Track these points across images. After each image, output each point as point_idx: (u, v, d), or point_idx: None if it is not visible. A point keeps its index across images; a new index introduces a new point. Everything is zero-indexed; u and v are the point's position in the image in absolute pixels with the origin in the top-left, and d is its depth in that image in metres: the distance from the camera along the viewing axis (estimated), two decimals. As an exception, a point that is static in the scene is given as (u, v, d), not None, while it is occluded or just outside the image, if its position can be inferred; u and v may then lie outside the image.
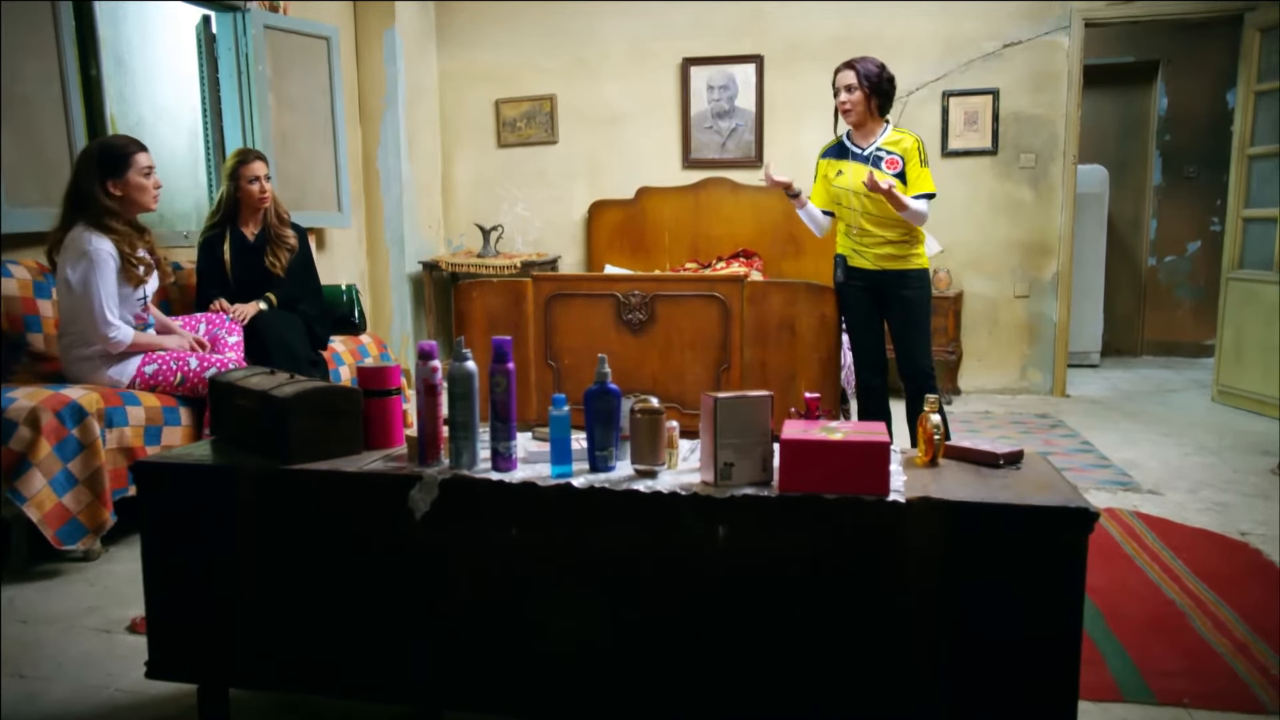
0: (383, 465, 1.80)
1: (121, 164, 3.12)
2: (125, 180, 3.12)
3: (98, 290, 3.05)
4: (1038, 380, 5.81)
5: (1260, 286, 5.22)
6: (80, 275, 3.04)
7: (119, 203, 3.13)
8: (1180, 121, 7.00)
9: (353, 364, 4.18)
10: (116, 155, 3.12)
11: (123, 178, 3.12)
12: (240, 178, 3.86)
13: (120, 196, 3.13)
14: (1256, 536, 3.24)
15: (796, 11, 5.77)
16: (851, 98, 3.61)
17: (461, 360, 1.75)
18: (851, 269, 3.75)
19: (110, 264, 3.09)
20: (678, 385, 4.01)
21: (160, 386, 3.26)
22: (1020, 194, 5.67)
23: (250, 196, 3.89)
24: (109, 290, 3.08)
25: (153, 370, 3.25)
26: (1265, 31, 5.23)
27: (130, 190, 3.14)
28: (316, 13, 5.41)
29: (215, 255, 3.95)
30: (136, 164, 3.14)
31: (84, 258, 3.04)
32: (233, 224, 3.97)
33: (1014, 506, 1.52)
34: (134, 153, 3.16)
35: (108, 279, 3.07)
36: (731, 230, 5.92)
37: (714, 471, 1.64)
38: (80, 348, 3.17)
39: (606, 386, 1.73)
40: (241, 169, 3.87)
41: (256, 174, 3.86)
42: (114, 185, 3.11)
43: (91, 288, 3.04)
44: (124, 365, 3.22)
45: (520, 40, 6.10)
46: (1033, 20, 5.53)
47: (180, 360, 3.29)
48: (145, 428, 3.15)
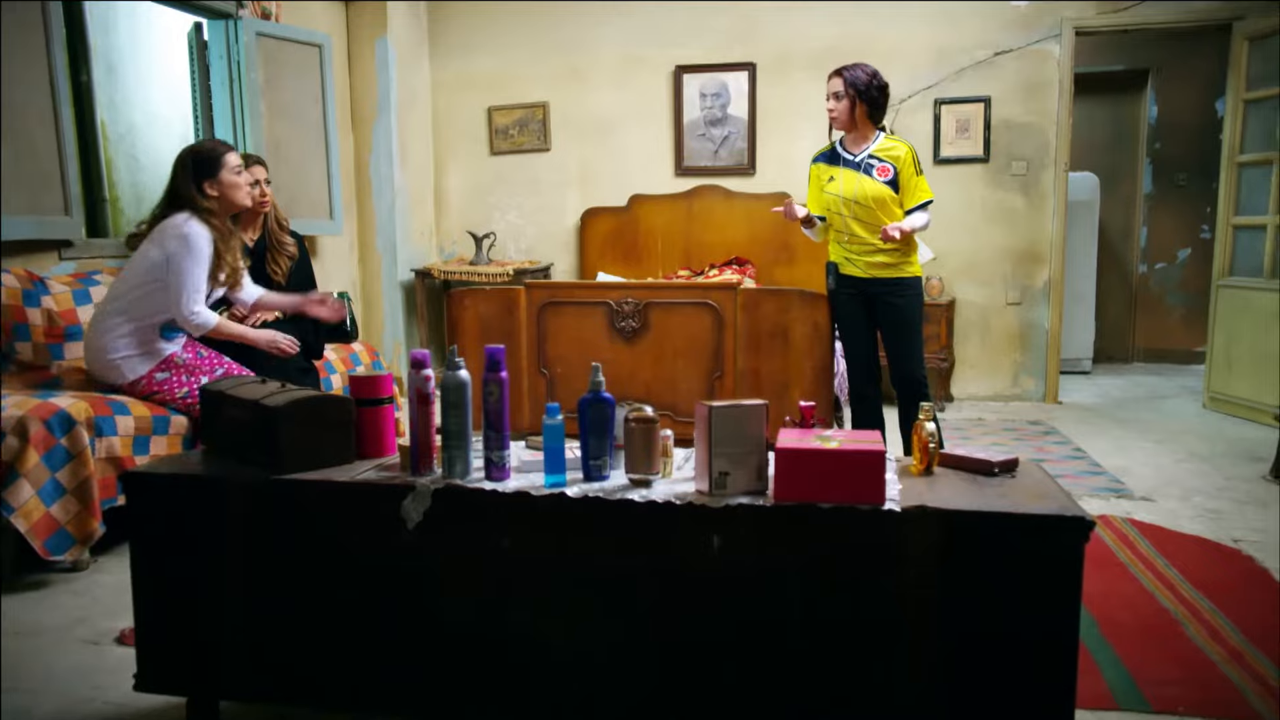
0: (375, 475, 1.79)
1: (214, 165, 3.21)
2: (219, 180, 3.21)
3: (190, 271, 3.08)
4: (1030, 387, 5.82)
5: (1251, 294, 5.24)
6: (174, 254, 3.08)
7: (216, 203, 3.22)
8: (1170, 130, 7.04)
9: (344, 372, 4.16)
10: (208, 157, 3.22)
11: (216, 177, 3.21)
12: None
13: (216, 196, 3.22)
14: (1250, 544, 3.25)
15: (789, 20, 5.78)
16: (839, 105, 3.62)
17: (454, 369, 1.74)
18: (843, 277, 3.75)
19: (205, 251, 3.13)
20: (671, 394, 4.00)
21: (159, 395, 3.24)
22: (1012, 201, 5.69)
23: (252, 200, 3.87)
24: (200, 274, 3.12)
25: (164, 378, 3.23)
26: (1254, 40, 5.26)
27: (225, 189, 3.23)
28: (309, 20, 5.40)
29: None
30: (228, 163, 3.23)
31: (181, 240, 3.09)
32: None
33: (1010, 515, 1.51)
34: (224, 153, 3.26)
35: (200, 263, 3.11)
36: (724, 238, 5.92)
37: (709, 481, 1.63)
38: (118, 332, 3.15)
39: (600, 395, 1.72)
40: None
41: (256, 178, 3.81)
42: (209, 186, 3.20)
43: (183, 268, 3.08)
44: (138, 362, 3.19)
45: (512, 48, 6.11)
46: (1024, 29, 5.55)
47: (194, 375, 3.28)
48: (135, 437, 3.13)
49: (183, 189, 3.17)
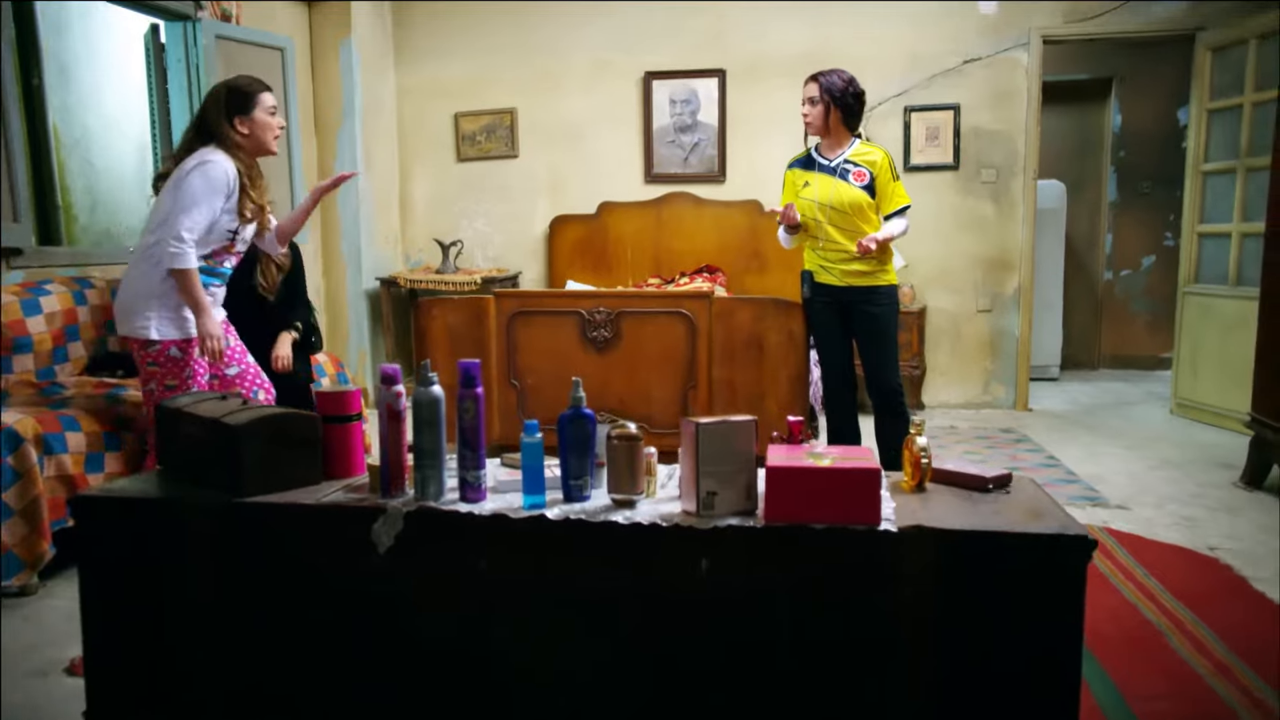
0: (343, 497, 1.70)
1: (249, 101, 2.99)
2: (252, 118, 2.99)
3: (198, 197, 2.81)
4: (1000, 395, 5.82)
5: (1216, 301, 5.28)
6: (189, 178, 2.82)
7: (246, 140, 3.01)
8: (1134, 138, 7.11)
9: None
10: (243, 92, 3.00)
11: (250, 115, 2.99)
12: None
13: (247, 134, 3.00)
14: (1226, 551, 3.24)
15: (759, 26, 5.75)
16: (814, 110, 3.58)
17: (427, 385, 1.65)
18: (818, 285, 3.71)
19: (223, 185, 2.87)
20: (645, 405, 3.93)
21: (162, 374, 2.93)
22: (982, 209, 5.70)
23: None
24: (206, 207, 2.83)
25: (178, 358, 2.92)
26: (1217, 51, 5.31)
27: (256, 128, 3.00)
28: (271, 23, 5.28)
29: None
30: (263, 102, 3.02)
31: (201, 167, 2.84)
32: None
33: (1009, 535, 1.46)
34: (259, 91, 3.05)
35: (213, 195, 2.86)
36: (694, 245, 5.87)
37: (696, 501, 1.56)
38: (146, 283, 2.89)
39: (581, 411, 1.65)
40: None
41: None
42: (241, 122, 2.98)
43: (193, 190, 2.81)
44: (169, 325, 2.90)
45: (480, 53, 6.02)
46: (992, 37, 5.57)
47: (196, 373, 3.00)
48: (86, 454, 3.00)
49: (213, 122, 2.93)
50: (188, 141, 3.00)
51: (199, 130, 2.98)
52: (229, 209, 2.92)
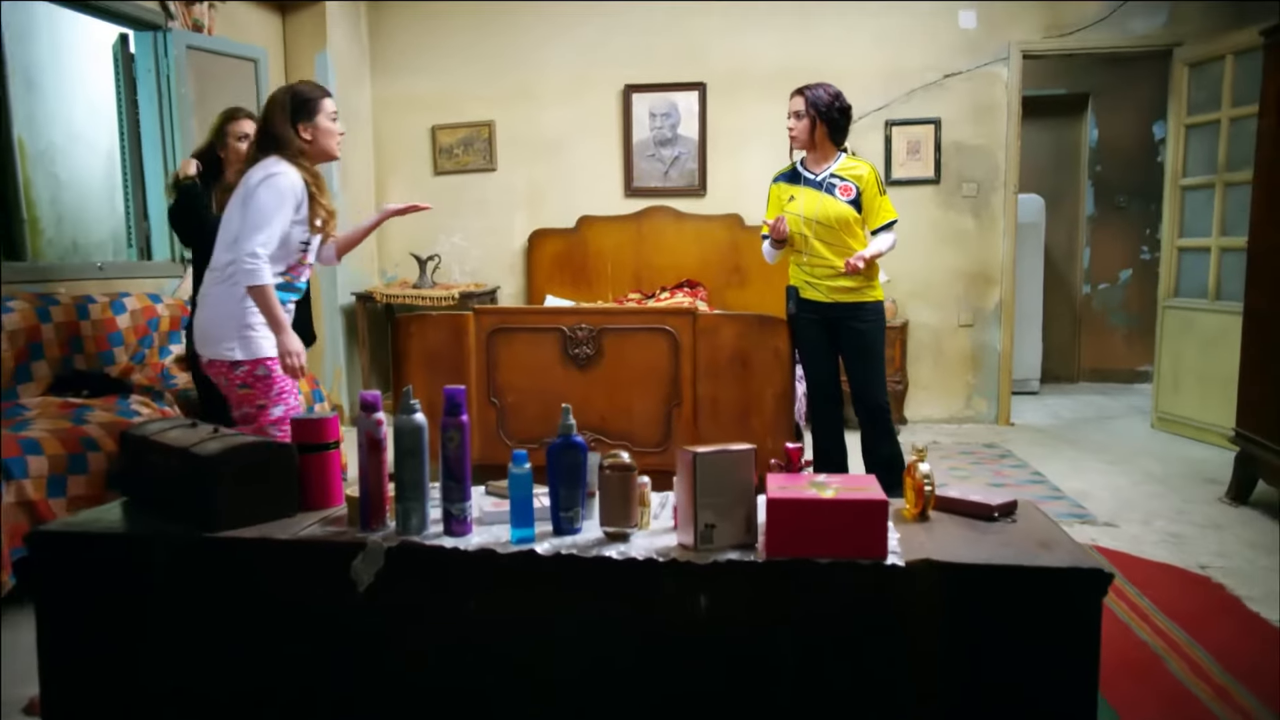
0: (320, 531, 1.61)
1: (313, 107, 2.89)
2: (316, 124, 2.89)
3: (269, 210, 2.71)
4: (983, 409, 5.80)
5: (1196, 314, 5.29)
6: (257, 191, 2.72)
7: (310, 146, 2.91)
8: (1110, 152, 7.14)
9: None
10: (307, 98, 2.89)
11: (314, 121, 2.89)
12: (228, 134, 3.53)
13: (311, 141, 2.90)
14: (1216, 570, 3.21)
15: (740, 39, 5.72)
16: (799, 124, 3.54)
17: (409, 412, 1.57)
18: (804, 301, 3.66)
19: (292, 196, 2.78)
20: (627, 422, 3.86)
21: (254, 395, 2.82)
22: (963, 223, 5.69)
23: (239, 155, 3.45)
24: (278, 220, 2.74)
25: (263, 376, 2.82)
26: (1193, 67, 5.34)
27: (320, 134, 2.90)
28: (244, 33, 5.18)
29: (197, 208, 3.46)
30: (325, 108, 2.93)
31: (269, 178, 2.74)
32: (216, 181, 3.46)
33: (1020, 569, 1.40)
34: (322, 96, 2.95)
35: (283, 206, 2.76)
36: (675, 260, 5.82)
37: (694, 534, 1.49)
38: (227, 303, 2.79)
39: (571, 439, 1.58)
40: (230, 125, 3.55)
41: (246, 131, 3.46)
42: (305, 129, 2.88)
43: (264, 205, 2.71)
44: (258, 342, 2.80)
45: (458, 65, 5.94)
46: (972, 52, 5.57)
47: (284, 389, 2.88)
48: (49, 477, 2.89)
49: (278, 129, 2.83)
50: (249, 152, 2.92)
51: (262, 139, 2.89)
52: (300, 220, 2.84)
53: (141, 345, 4.19)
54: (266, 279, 2.73)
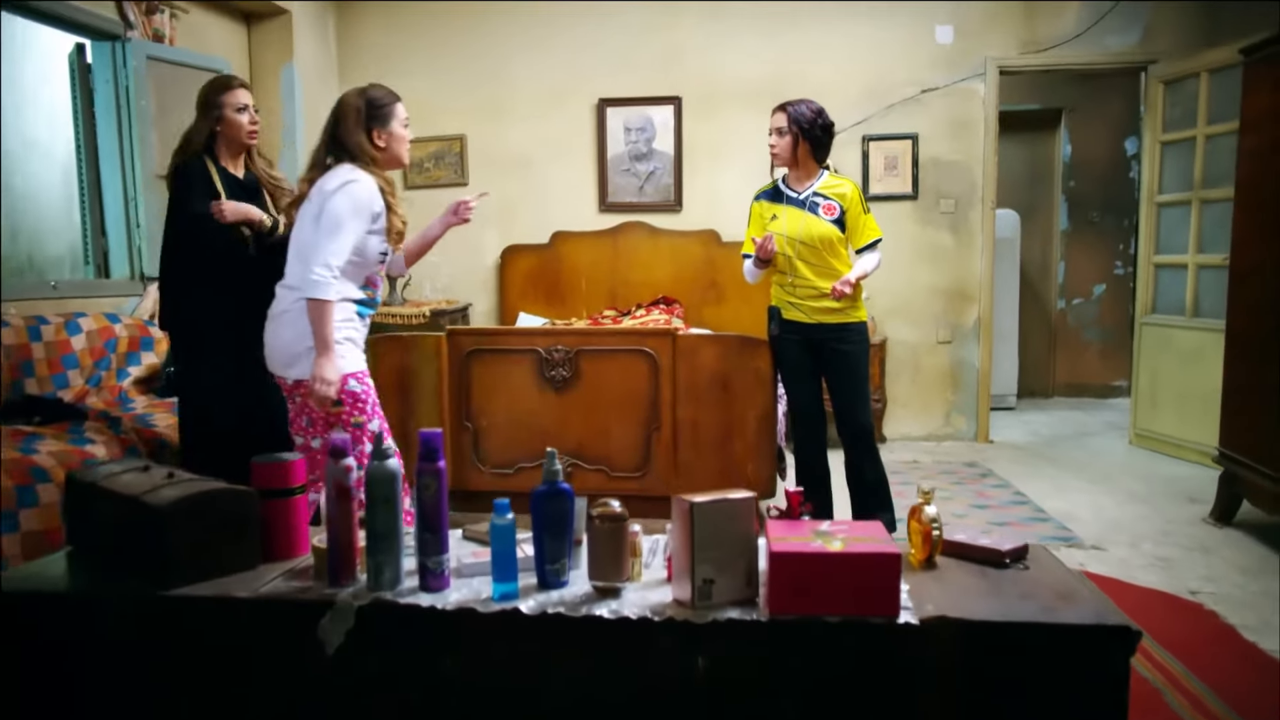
0: (285, 586, 1.49)
1: (387, 113, 2.76)
2: (390, 131, 2.76)
3: (343, 223, 2.56)
4: (962, 426, 5.75)
5: (1174, 331, 5.28)
6: (330, 201, 2.57)
7: (383, 154, 2.76)
8: (1083, 168, 7.15)
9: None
10: (381, 104, 2.76)
11: (387, 127, 2.75)
12: (224, 106, 3.10)
13: (384, 148, 2.76)
14: (1208, 595, 3.15)
15: (716, 53, 5.65)
16: (781, 142, 3.45)
17: (382, 458, 1.45)
18: (786, 322, 3.57)
19: (368, 206, 2.63)
20: (604, 447, 3.75)
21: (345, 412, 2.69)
22: (941, 239, 5.64)
23: (236, 129, 3.12)
24: (352, 231, 2.59)
25: (358, 391, 2.69)
26: (1168, 84, 5.34)
27: (393, 141, 2.77)
28: (208, 44, 5.02)
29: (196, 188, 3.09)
30: (398, 114, 2.79)
31: (344, 187, 2.59)
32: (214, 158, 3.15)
33: (1043, 626, 1.31)
34: (394, 102, 2.81)
35: (358, 218, 2.60)
36: (650, 276, 5.72)
37: (691, 589, 1.38)
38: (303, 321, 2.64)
39: (558, 486, 1.46)
40: (225, 96, 3.12)
41: (245, 101, 3.14)
42: (379, 135, 2.73)
43: (334, 217, 2.56)
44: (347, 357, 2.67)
45: (428, 77, 5.81)
46: (949, 67, 5.54)
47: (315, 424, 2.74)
48: None
49: (352, 136, 2.68)
50: (319, 158, 2.75)
51: (333, 145, 2.74)
52: (377, 230, 2.70)
53: (98, 368, 4.02)
54: (331, 295, 2.58)
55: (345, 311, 2.69)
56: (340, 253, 2.58)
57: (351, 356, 2.72)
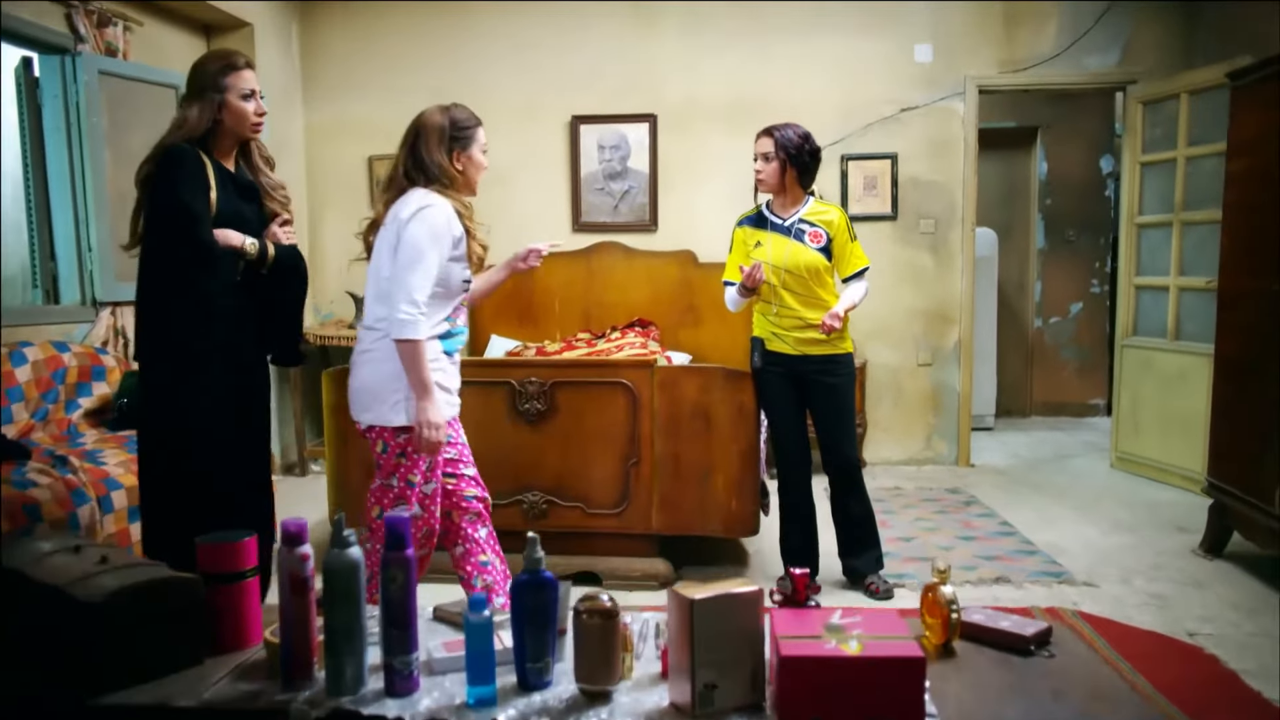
0: (232, 690, 1.32)
1: (469, 136, 2.61)
2: (470, 155, 2.61)
3: (426, 254, 2.42)
4: (942, 450, 5.66)
5: (1155, 354, 5.22)
6: (407, 229, 2.43)
7: (460, 179, 2.60)
8: (1059, 186, 7.12)
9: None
10: (465, 126, 2.61)
11: (468, 151, 2.61)
12: (228, 90, 2.61)
13: (461, 171, 2.60)
14: (1206, 638, 3.06)
15: (692, 70, 5.53)
16: (768, 167, 3.33)
17: (343, 546, 1.30)
18: (770, 353, 3.44)
19: (447, 231, 2.48)
20: (582, 483, 3.59)
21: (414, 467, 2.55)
22: (921, 260, 5.55)
23: (240, 119, 2.64)
24: (434, 259, 2.44)
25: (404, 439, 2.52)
26: (1148, 104, 5.29)
27: (471, 166, 2.62)
28: (164, 58, 4.82)
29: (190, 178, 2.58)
30: (479, 139, 2.65)
31: (420, 211, 2.45)
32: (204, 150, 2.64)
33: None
34: (477, 125, 2.66)
35: (439, 245, 2.45)
36: (626, 298, 5.58)
37: (691, 694, 1.24)
38: (389, 359, 2.48)
39: (541, 575, 1.31)
40: (230, 79, 2.62)
41: (252, 86, 2.66)
42: (459, 158, 2.58)
43: (414, 246, 2.41)
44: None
45: (397, 92, 5.64)
46: (928, 86, 5.46)
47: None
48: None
49: (432, 154, 2.54)
50: (396, 177, 2.59)
51: (411, 166, 2.57)
52: (459, 256, 2.55)
53: (45, 400, 3.81)
54: (422, 333, 2.43)
55: (432, 350, 2.53)
56: (425, 285, 2.43)
57: (447, 399, 2.59)
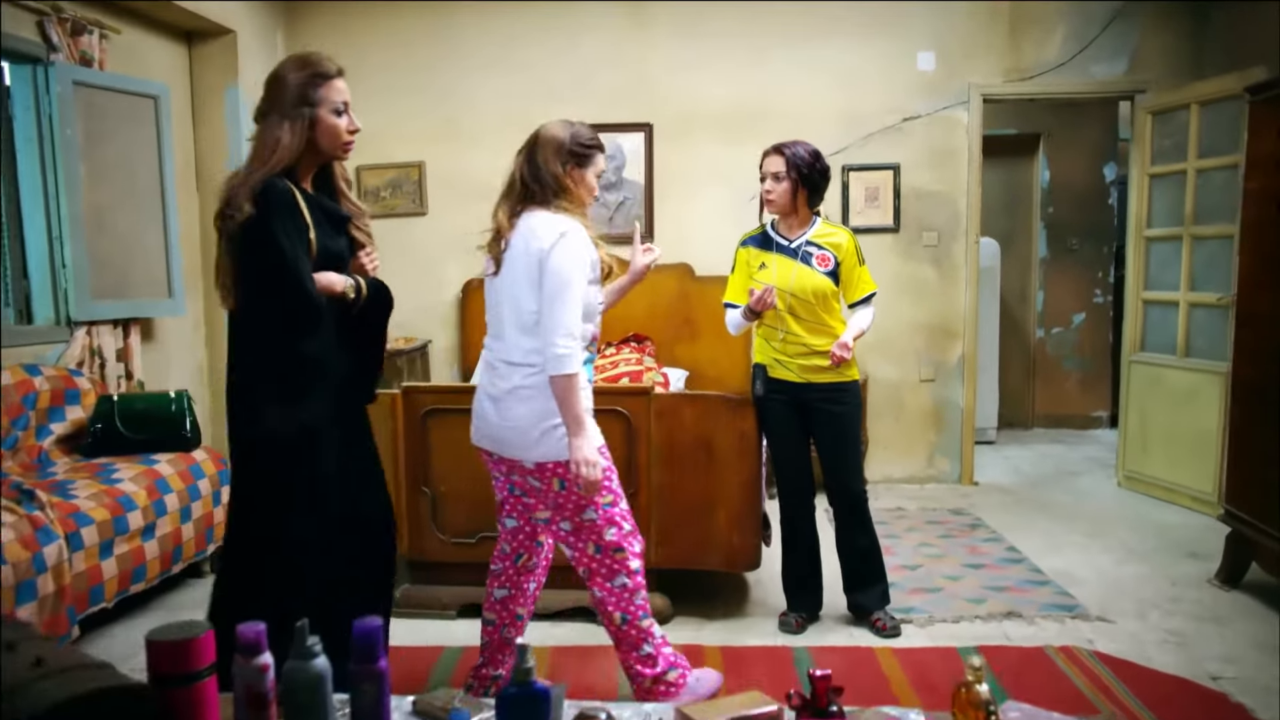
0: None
1: (589, 158, 2.48)
2: (584, 176, 2.47)
3: (570, 280, 2.32)
4: (945, 468, 5.52)
5: (1164, 371, 5.09)
6: (551, 257, 2.31)
7: (580, 199, 2.48)
8: (1062, 194, 6.99)
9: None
10: (589, 145, 2.48)
11: (582, 170, 2.46)
12: (319, 104, 2.21)
13: (580, 192, 2.47)
14: (1230, 682, 2.92)
15: (688, 79, 5.38)
16: (779, 187, 3.18)
17: (305, 657, 1.14)
18: (773, 380, 3.30)
19: (587, 256, 2.39)
20: (577, 514, 3.44)
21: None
22: (924, 273, 5.42)
23: (332, 137, 2.25)
24: (578, 288, 2.34)
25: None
26: (1157, 115, 5.16)
27: (582, 186, 2.48)
28: (143, 67, 4.65)
29: (289, 221, 2.18)
30: (596, 164, 2.51)
31: (562, 238, 2.33)
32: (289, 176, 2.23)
33: None
34: (598, 149, 2.52)
35: (582, 274, 2.36)
36: (621, 312, 5.27)
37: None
38: (540, 388, 2.39)
39: (531, 688, 1.16)
40: (323, 89, 2.22)
41: (345, 99, 2.27)
42: (572, 173, 2.44)
43: (563, 276, 2.31)
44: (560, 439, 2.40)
45: (385, 102, 5.48)
46: (931, 95, 5.32)
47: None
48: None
49: (549, 167, 2.41)
50: (513, 188, 2.46)
51: (529, 175, 2.43)
52: (595, 279, 2.45)
53: (14, 427, 3.65)
54: (579, 366, 2.33)
55: (581, 379, 2.42)
56: (576, 315, 2.34)
57: (595, 429, 2.46)
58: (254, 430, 2.19)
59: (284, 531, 2.15)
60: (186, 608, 3.64)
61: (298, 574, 2.12)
